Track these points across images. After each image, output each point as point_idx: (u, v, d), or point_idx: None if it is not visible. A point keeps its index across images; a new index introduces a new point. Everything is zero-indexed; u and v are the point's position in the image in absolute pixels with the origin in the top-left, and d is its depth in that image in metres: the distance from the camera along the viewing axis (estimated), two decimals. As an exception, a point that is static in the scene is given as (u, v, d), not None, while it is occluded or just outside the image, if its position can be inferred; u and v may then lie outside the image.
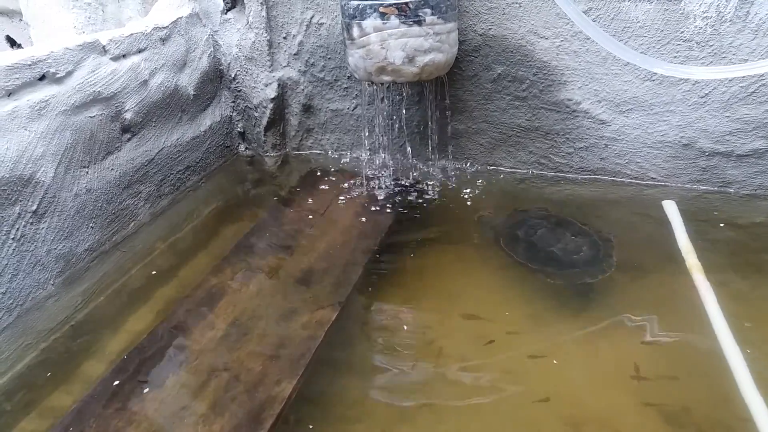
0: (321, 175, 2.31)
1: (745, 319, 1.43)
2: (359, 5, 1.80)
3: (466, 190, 2.17)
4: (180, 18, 2.18)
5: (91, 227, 1.80)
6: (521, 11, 2.02)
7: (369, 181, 2.22)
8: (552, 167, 2.26)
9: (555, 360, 1.36)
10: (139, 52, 1.96)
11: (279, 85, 2.45)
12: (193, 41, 2.26)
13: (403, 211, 2.02)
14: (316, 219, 1.97)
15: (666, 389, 1.27)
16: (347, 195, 2.13)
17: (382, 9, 1.78)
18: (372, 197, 2.11)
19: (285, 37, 2.37)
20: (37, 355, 1.45)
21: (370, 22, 1.80)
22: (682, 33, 1.89)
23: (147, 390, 1.26)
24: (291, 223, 1.96)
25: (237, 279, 1.65)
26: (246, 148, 2.63)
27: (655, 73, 1.94)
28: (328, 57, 2.35)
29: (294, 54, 2.39)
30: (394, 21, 1.79)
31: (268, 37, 2.36)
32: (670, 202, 1.95)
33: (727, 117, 1.95)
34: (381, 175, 2.25)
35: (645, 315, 1.49)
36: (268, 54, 2.39)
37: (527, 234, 1.85)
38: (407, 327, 1.50)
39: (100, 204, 1.83)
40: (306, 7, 2.28)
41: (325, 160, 2.52)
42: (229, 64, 2.44)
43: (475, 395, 1.28)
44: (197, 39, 2.29)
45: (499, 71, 2.15)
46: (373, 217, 1.98)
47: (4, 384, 1.36)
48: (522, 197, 2.13)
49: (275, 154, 2.58)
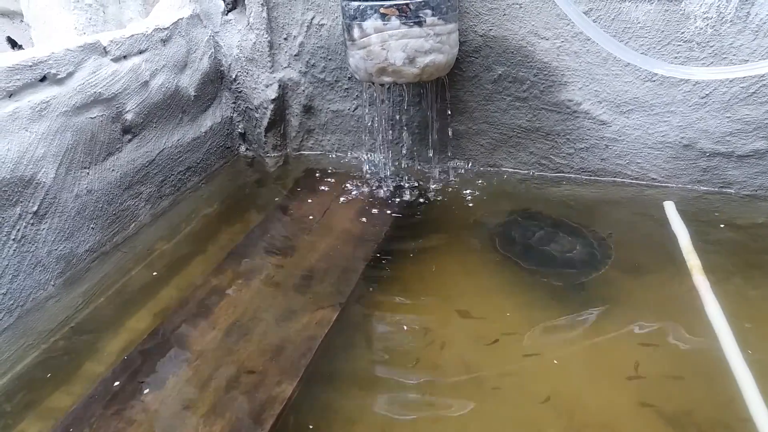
0: (321, 176, 2.31)
1: (746, 320, 1.42)
2: (360, 6, 1.80)
3: (466, 190, 2.18)
4: (181, 19, 2.18)
5: (92, 228, 1.80)
6: (522, 12, 2.03)
7: (369, 182, 2.22)
8: (553, 168, 2.26)
9: (555, 360, 1.36)
10: (140, 53, 1.97)
11: (280, 86, 2.45)
12: (194, 42, 2.27)
13: (404, 212, 2.02)
14: (316, 220, 1.97)
15: (666, 390, 1.27)
16: (348, 196, 2.14)
17: (382, 10, 1.78)
18: (372, 198, 2.12)
19: (286, 38, 2.37)
20: (38, 356, 1.45)
21: (370, 23, 1.81)
22: (682, 34, 1.89)
23: (147, 391, 1.26)
24: (291, 224, 1.97)
25: (237, 280, 1.65)
26: (247, 149, 2.63)
27: (656, 74, 1.94)
28: (328, 58, 2.35)
29: (295, 55, 2.39)
30: (394, 22, 1.79)
31: (268, 38, 2.36)
32: (670, 202, 1.95)
33: (728, 117, 1.95)
34: (381, 176, 2.25)
35: (645, 315, 1.48)
36: (268, 55, 2.39)
37: (526, 235, 1.85)
38: (407, 327, 1.50)
39: (100, 205, 1.83)
40: (307, 8, 2.28)
41: (326, 160, 2.52)
42: (230, 65, 2.44)
43: (476, 395, 1.28)
44: (198, 40, 2.29)
45: (500, 72, 2.15)
46: (374, 218, 1.98)
47: (4, 384, 1.36)
48: (523, 198, 2.13)
49: (276, 154, 2.58)
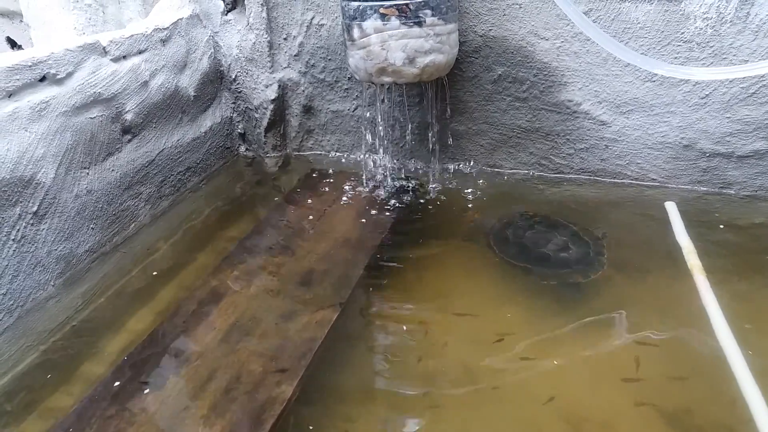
0: (321, 176, 2.31)
1: (746, 320, 1.42)
2: (360, 6, 1.80)
3: (466, 191, 2.18)
4: (180, 19, 2.18)
5: (92, 228, 1.80)
6: (522, 12, 2.03)
7: (369, 182, 2.22)
8: (552, 168, 2.26)
9: (556, 361, 1.36)
10: (140, 53, 1.96)
11: (279, 86, 2.45)
12: (194, 42, 2.27)
13: (403, 213, 2.02)
14: (316, 220, 1.97)
15: (667, 390, 1.27)
16: (347, 196, 2.14)
17: (382, 10, 1.78)
18: (372, 198, 2.12)
19: (285, 39, 2.37)
20: (38, 356, 1.45)
21: (370, 23, 1.81)
22: (682, 34, 1.89)
23: (147, 391, 1.26)
24: (291, 224, 1.96)
25: (237, 280, 1.65)
26: (246, 149, 2.63)
27: (656, 74, 1.94)
28: (328, 58, 2.35)
29: (294, 55, 2.39)
30: (394, 22, 1.79)
31: (268, 39, 2.36)
32: (671, 203, 1.95)
33: (728, 118, 1.95)
34: (381, 176, 2.25)
35: (645, 315, 1.49)
36: (268, 55, 2.39)
37: (525, 236, 1.85)
38: (407, 327, 1.49)
39: (100, 205, 1.83)
40: (306, 9, 2.28)
41: (326, 161, 2.52)
42: (230, 65, 2.44)
43: (477, 395, 1.28)
44: (198, 40, 2.29)
45: (500, 72, 2.15)
46: (374, 218, 1.98)
47: (4, 385, 1.36)
48: (523, 198, 2.13)
49: (276, 155, 2.58)
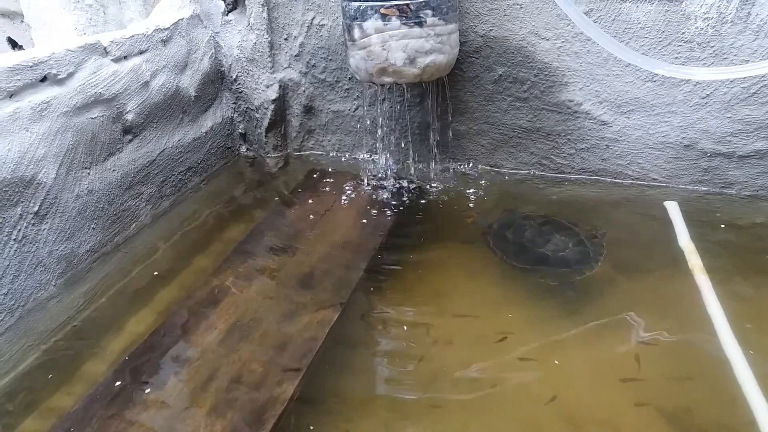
0: (322, 176, 2.31)
1: (747, 320, 1.42)
2: (360, 7, 1.80)
3: (467, 191, 2.17)
4: (181, 19, 2.18)
5: (93, 228, 1.80)
6: (522, 12, 2.03)
7: (370, 183, 2.22)
8: (553, 168, 2.26)
9: (557, 361, 1.36)
10: (141, 53, 1.96)
11: (280, 87, 2.45)
12: (195, 43, 2.27)
13: (404, 213, 2.02)
14: (317, 220, 1.97)
15: (668, 390, 1.27)
16: (348, 196, 2.14)
17: (383, 10, 1.78)
18: (373, 198, 2.12)
19: (286, 39, 2.37)
20: (39, 356, 1.45)
21: (371, 23, 1.81)
22: (683, 34, 1.89)
23: (148, 391, 1.26)
24: (292, 224, 1.97)
25: (238, 280, 1.65)
26: (247, 149, 2.63)
27: (657, 74, 1.94)
28: (329, 58, 2.35)
29: (295, 55, 2.39)
30: (395, 22, 1.79)
31: (269, 39, 2.36)
32: (672, 202, 1.95)
33: (729, 118, 1.95)
34: (382, 176, 2.25)
35: (646, 315, 1.48)
36: (269, 55, 2.39)
37: (525, 236, 1.85)
38: (408, 327, 1.49)
39: (101, 205, 1.83)
40: (307, 9, 2.28)
41: (327, 161, 2.52)
42: (231, 65, 2.44)
43: (477, 395, 1.28)
44: (198, 40, 2.29)
45: (500, 72, 2.15)
46: (374, 218, 1.98)
47: (5, 385, 1.36)
48: (523, 198, 2.13)
49: (276, 155, 2.58)
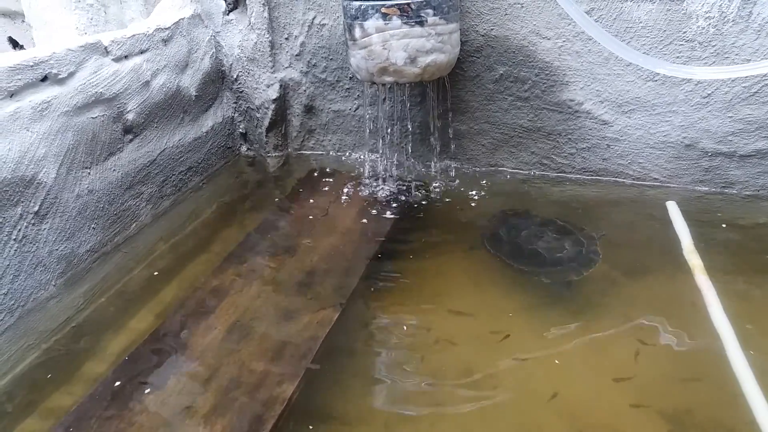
0: (323, 176, 2.31)
1: (748, 320, 1.42)
2: (361, 6, 1.80)
3: (468, 191, 2.17)
4: (182, 19, 2.18)
5: (93, 228, 1.80)
6: (523, 12, 2.02)
7: (370, 182, 2.21)
8: (554, 168, 2.26)
9: (557, 360, 1.36)
10: (141, 53, 1.96)
11: (281, 86, 2.45)
12: (195, 42, 2.27)
13: (405, 212, 2.02)
14: (317, 220, 1.97)
15: (668, 390, 1.26)
16: (349, 196, 2.13)
17: (384, 10, 1.78)
18: (373, 198, 2.11)
19: (287, 38, 2.37)
20: (39, 356, 1.45)
21: (372, 22, 1.80)
22: (684, 33, 1.88)
23: (148, 391, 1.26)
24: (292, 224, 1.96)
25: (238, 280, 1.65)
26: (248, 148, 2.63)
27: (658, 74, 1.94)
28: (330, 58, 2.35)
29: (296, 55, 2.39)
30: (396, 22, 1.78)
31: (269, 38, 2.36)
32: (673, 202, 1.94)
33: (730, 117, 1.95)
34: (382, 176, 2.24)
35: (647, 315, 1.48)
36: (270, 55, 2.39)
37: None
38: (408, 327, 1.49)
39: (101, 205, 1.83)
40: (308, 8, 2.28)
41: (327, 160, 2.52)
42: (231, 65, 2.44)
43: (478, 395, 1.27)
44: (199, 40, 2.29)
45: (501, 72, 2.14)
46: (375, 218, 1.97)
47: (5, 385, 1.36)
48: (524, 198, 2.12)
49: (277, 154, 2.58)
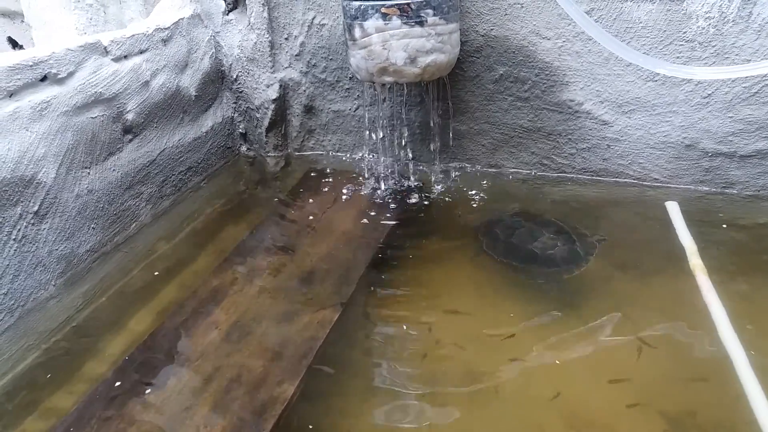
0: (322, 176, 2.31)
1: (749, 321, 1.42)
2: (361, 6, 1.80)
3: (467, 191, 2.17)
4: (181, 19, 2.18)
5: (93, 228, 1.80)
6: (523, 12, 2.02)
7: (370, 182, 2.21)
8: (554, 168, 2.25)
9: (557, 360, 1.36)
10: (141, 53, 1.96)
11: (281, 86, 2.44)
12: (195, 42, 2.26)
13: (405, 213, 2.02)
14: (317, 220, 1.97)
15: (669, 390, 1.26)
16: (349, 196, 2.13)
17: (383, 10, 1.78)
18: (373, 198, 2.11)
19: (287, 38, 2.37)
20: (39, 356, 1.44)
21: (371, 22, 1.80)
22: (684, 33, 1.89)
23: (148, 391, 1.26)
24: (293, 224, 1.96)
25: (239, 279, 1.65)
26: (248, 149, 2.63)
27: (658, 74, 1.94)
28: (329, 58, 2.35)
29: (296, 55, 2.39)
30: (395, 22, 1.78)
31: (269, 38, 2.36)
32: (673, 203, 1.94)
33: (730, 117, 1.95)
34: (382, 176, 2.24)
35: (648, 315, 1.48)
36: (269, 55, 2.38)
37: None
38: (409, 327, 1.49)
39: (101, 205, 1.83)
40: (308, 8, 2.28)
41: (327, 161, 2.52)
42: (231, 65, 2.44)
43: (479, 394, 1.27)
44: (199, 40, 2.29)
45: (501, 72, 2.14)
46: (375, 219, 1.97)
47: (5, 384, 1.36)
48: (525, 198, 2.12)
49: (277, 154, 2.57)
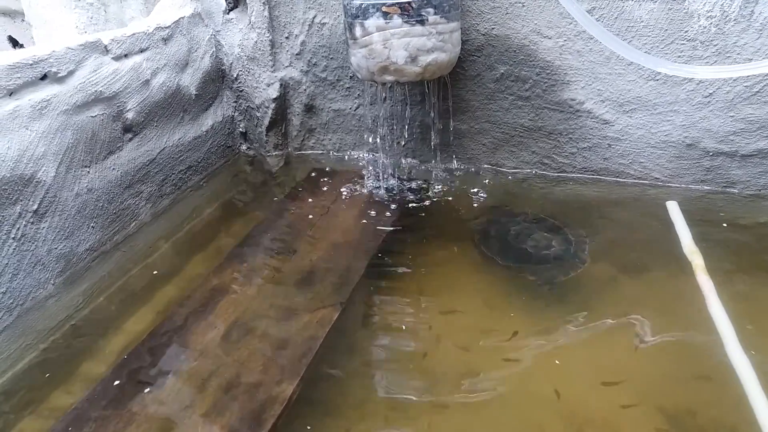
0: (323, 176, 2.30)
1: (749, 320, 1.41)
2: (362, 5, 1.79)
3: (468, 190, 2.17)
4: (182, 18, 2.18)
5: (92, 227, 1.80)
6: (524, 11, 2.02)
7: (370, 182, 2.21)
8: (555, 167, 2.25)
9: (558, 360, 1.35)
10: (141, 51, 1.96)
11: (281, 85, 2.44)
12: (195, 41, 2.26)
13: (405, 212, 2.02)
14: (317, 219, 1.97)
15: (669, 390, 1.26)
16: (349, 195, 2.13)
17: (384, 8, 1.77)
18: (373, 198, 2.11)
19: (287, 37, 2.36)
20: (37, 355, 1.44)
21: (372, 21, 1.80)
22: (686, 32, 1.88)
23: (147, 390, 1.26)
24: (292, 224, 1.96)
25: (238, 279, 1.65)
26: (248, 148, 2.62)
27: (659, 73, 1.93)
28: (330, 57, 2.34)
29: (296, 54, 2.38)
30: (396, 20, 1.78)
31: (270, 37, 2.35)
32: (673, 202, 1.94)
33: (732, 117, 1.94)
34: (383, 176, 2.24)
35: (648, 315, 1.48)
36: (270, 54, 2.38)
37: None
38: (408, 327, 1.49)
39: (101, 204, 1.83)
40: (308, 7, 2.28)
41: (327, 160, 2.52)
42: (231, 64, 2.44)
43: (478, 394, 1.27)
44: (199, 39, 2.29)
45: (502, 71, 2.14)
46: (375, 218, 1.97)
47: (3, 384, 1.35)
48: (525, 198, 2.12)
49: (277, 154, 2.57)
